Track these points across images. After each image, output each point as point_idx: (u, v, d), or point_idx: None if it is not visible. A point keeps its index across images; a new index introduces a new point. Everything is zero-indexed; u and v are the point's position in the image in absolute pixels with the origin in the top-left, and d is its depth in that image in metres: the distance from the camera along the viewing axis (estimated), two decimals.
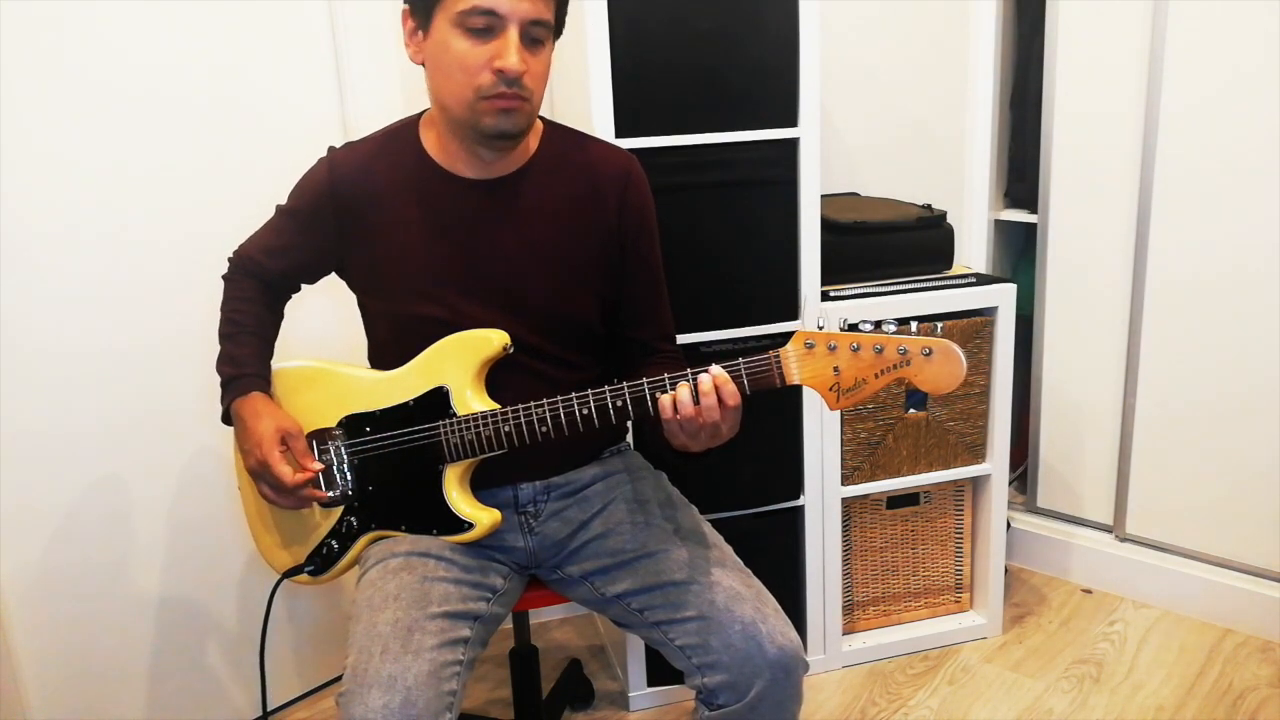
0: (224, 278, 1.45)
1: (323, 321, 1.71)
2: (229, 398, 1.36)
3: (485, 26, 1.18)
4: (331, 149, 1.35)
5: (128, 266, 1.66)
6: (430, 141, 1.31)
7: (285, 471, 1.28)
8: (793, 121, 1.74)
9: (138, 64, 1.62)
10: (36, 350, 1.58)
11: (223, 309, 1.42)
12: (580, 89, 1.66)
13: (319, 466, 1.32)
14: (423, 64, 1.26)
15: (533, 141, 1.33)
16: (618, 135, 1.65)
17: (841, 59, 2.23)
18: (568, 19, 1.29)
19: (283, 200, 1.40)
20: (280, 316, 1.47)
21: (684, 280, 1.65)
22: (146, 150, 1.65)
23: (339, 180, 1.31)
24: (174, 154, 1.68)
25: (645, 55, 1.64)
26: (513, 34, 1.18)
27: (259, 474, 1.31)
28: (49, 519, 1.64)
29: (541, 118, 1.35)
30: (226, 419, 1.37)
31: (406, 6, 1.25)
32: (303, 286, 1.48)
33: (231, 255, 1.45)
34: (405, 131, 1.33)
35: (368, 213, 1.31)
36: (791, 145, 1.76)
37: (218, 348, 1.40)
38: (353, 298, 1.40)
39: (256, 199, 1.43)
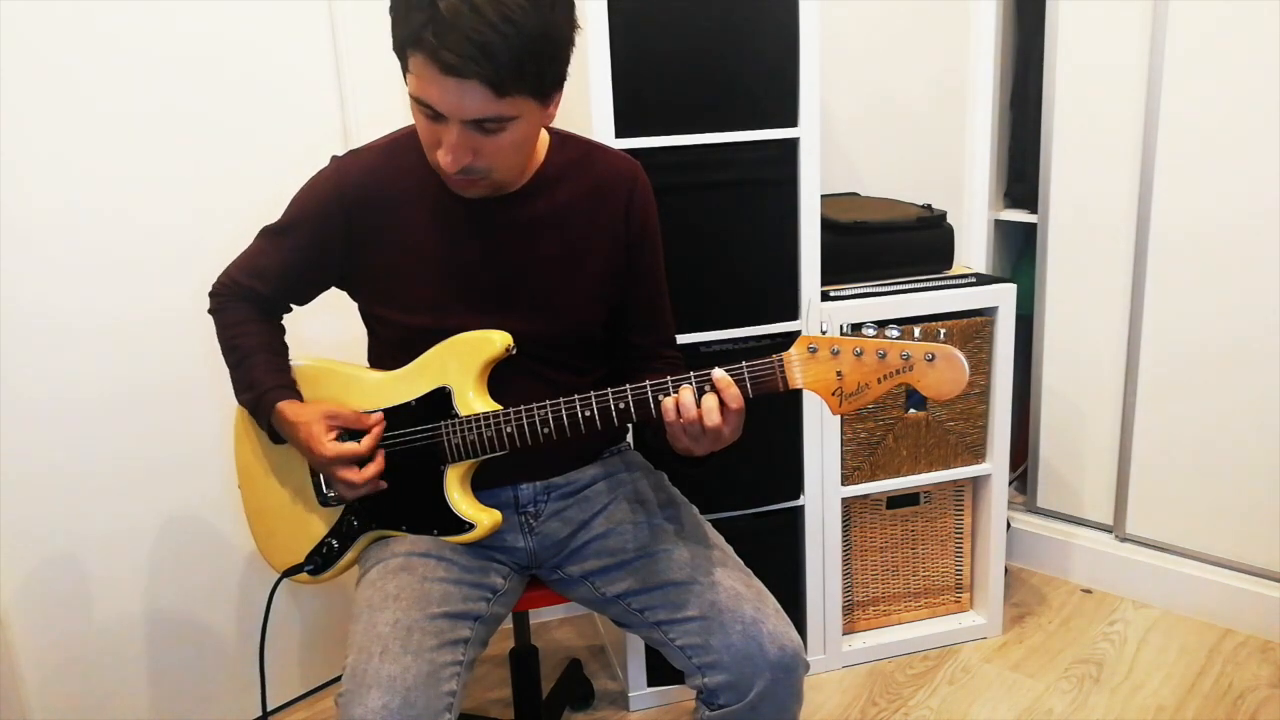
0: (211, 311, 1.38)
1: (323, 321, 1.71)
2: (262, 421, 1.34)
3: (432, 114, 1.12)
4: (335, 158, 1.32)
5: (127, 258, 1.66)
6: None
7: (349, 448, 1.25)
8: (793, 121, 1.74)
9: (139, 49, 1.62)
10: (34, 339, 1.58)
11: (221, 339, 1.37)
12: (580, 89, 1.66)
13: (377, 417, 1.28)
14: None
15: (540, 152, 1.31)
16: (617, 135, 1.65)
17: (842, 59, 2.23)
18: None
19: (271, 207, 1.35)
20: (282, 329, 1.43)
21: (684, 280, 1.65)
22: (147, 136, 1.65)
23: (347, 187, 1.28)
24: (174, 141, 1.68)
25: (645, 55, 1.64)
26: (453, 131, 1.12)
27: (330, 470, 1.27)
28: (48, 518, 1.64)
29: (549, 127, 1.32)
30: (276, 440, 1.35)
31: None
32: (293, 307, 1.43)
33: (213, 288, 1.39)
34: (412, 140, 1.29)
35: (377, 221, 1.29)
36: (791, 145, 1.76)
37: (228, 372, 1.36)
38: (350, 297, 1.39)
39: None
